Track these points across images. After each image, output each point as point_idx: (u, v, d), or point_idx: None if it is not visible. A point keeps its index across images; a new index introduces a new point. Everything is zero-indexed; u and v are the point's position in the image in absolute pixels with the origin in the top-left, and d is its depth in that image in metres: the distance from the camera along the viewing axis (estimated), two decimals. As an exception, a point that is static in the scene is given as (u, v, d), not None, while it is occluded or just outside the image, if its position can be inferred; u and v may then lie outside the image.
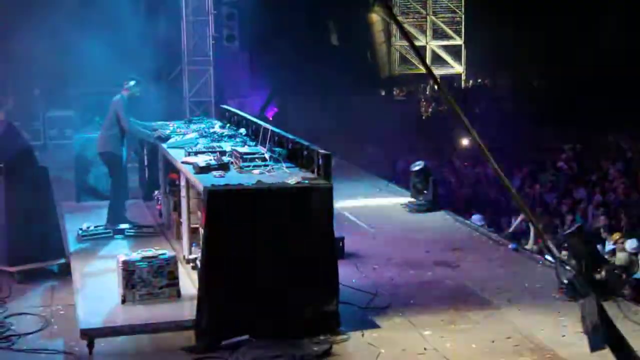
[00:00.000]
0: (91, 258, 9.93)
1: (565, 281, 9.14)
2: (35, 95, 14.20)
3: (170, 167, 10.53)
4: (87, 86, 16.27)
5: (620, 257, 11.96)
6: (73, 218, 11.64)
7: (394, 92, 33.28)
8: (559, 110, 25.18)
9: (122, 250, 9.55)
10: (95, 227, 10.93)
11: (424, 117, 30.12)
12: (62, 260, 9.96)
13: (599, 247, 12.52)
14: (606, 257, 12.06)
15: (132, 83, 11.11)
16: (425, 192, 13.67)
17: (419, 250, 11.20)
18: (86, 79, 16.26)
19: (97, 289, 8.80)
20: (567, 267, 9.38)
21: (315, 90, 25.06)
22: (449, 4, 32.88)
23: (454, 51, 33.06)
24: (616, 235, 12.91)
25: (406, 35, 27.02)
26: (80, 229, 10.88)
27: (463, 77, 33.06)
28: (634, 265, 11.81)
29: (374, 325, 8.37)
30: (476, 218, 14.47)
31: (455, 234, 12.30)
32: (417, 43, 30.91)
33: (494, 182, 17.59)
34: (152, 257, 8.38)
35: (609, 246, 12.83)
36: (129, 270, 8.26)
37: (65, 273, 9.68)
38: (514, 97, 29.87)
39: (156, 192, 11.96)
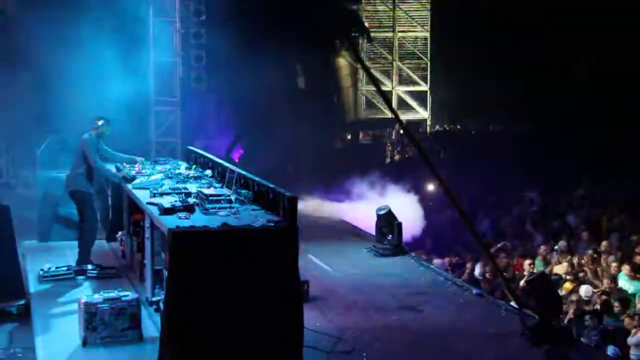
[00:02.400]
0: (52, 299, 9.80)
1: (529, 327, 9.18)
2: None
3: (135, 208, 10.46)
4: (53, 124, 16.17)
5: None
6: (35, 258, 11.49)
7: (360, 136, 33.51)
8: (524, 156, 25.42)
9: (83, 292, 9.44)
10: (56, 267, 10.80)
11: (389, 161, 30.30)
12: (22, 302, 9.81)
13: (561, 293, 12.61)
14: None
15: (101, 122, 11.11)
16: (390, 236, 13.69)
17: (384, 294, 11.18)
18: (53, 117, 16.17)
19: (57, 331, 8.69)
20: (530, 314, 9.44)
21: (282, 133, 25.12)
22: (415, 50, 33.30)
23: (419, 97, 33.43)
24: (569, 285, 13.04)
25: (373, 79, 27.34)
26: (42, 270, 10.75)
27: (428, 123, 33.40)
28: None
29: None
30: (438, 262, 14.52)
31: (420, 278, 12.31)
32: (383, 88, 31.26)
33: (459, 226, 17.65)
34: (114, 298, 8.30)
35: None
36: (90, 312, 8.17)
37: (25, 314, 9.53)
38: (478, 143, 30.17)
39: (120, 232, 11.87)
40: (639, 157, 22.29)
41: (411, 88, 33.36)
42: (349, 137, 32.80)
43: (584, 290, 12.48)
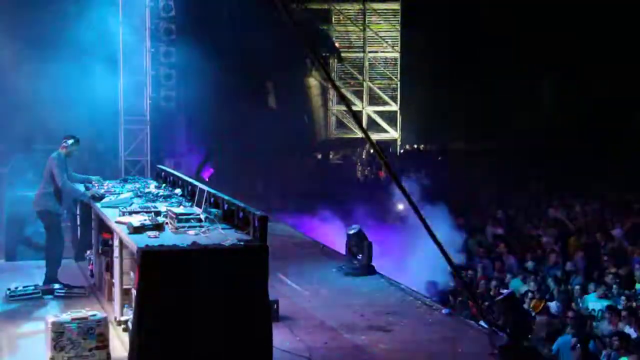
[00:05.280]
0: (19, 319, 9.70)
1: (498, 347, 9.22)
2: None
3: (104, 227, 10.39)
4: (20, 143, 16.03)
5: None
6: (1, 277, 11.37)
7: (331, 156, 33.60)
8: (494, 174, 25.64)
9: (51, 311, 9.35)
10: (24, 287, 10.69)
11: (360, 181, 30.37)
12: (-12, 322, 9.70)
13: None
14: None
15: (70, 141, 11.05)
16: (360, 255, 13.70)
17: (353, 314, 11.18)
18: (20, 135, 16.03)
19: (24, 351, 8.60)
20: (500, 333, 9.48)
21: (252, 152, 25.13)
22: (385, 71, 33.48)
23: (389, 117, 33.57)
24: (535, 302, 13.10)
25: (343, 98, 27.42)
26: (9, 289, 10.63)
27: (398, 143, 33.55)
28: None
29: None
30: None
31: (389, 297, 12.32)
32: (353, 108, 31.35)
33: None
34: (82, 318, 8.23)
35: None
36: (57, 332, 8.08)
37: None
38: (449, 162, 30.35)
39: (88, 251, 11.77)
40: (604, 178, 22.64)
41: (381, 108, 33.51)
42: (319, 156, 32.87)
43: (555, 306, 12.55)
